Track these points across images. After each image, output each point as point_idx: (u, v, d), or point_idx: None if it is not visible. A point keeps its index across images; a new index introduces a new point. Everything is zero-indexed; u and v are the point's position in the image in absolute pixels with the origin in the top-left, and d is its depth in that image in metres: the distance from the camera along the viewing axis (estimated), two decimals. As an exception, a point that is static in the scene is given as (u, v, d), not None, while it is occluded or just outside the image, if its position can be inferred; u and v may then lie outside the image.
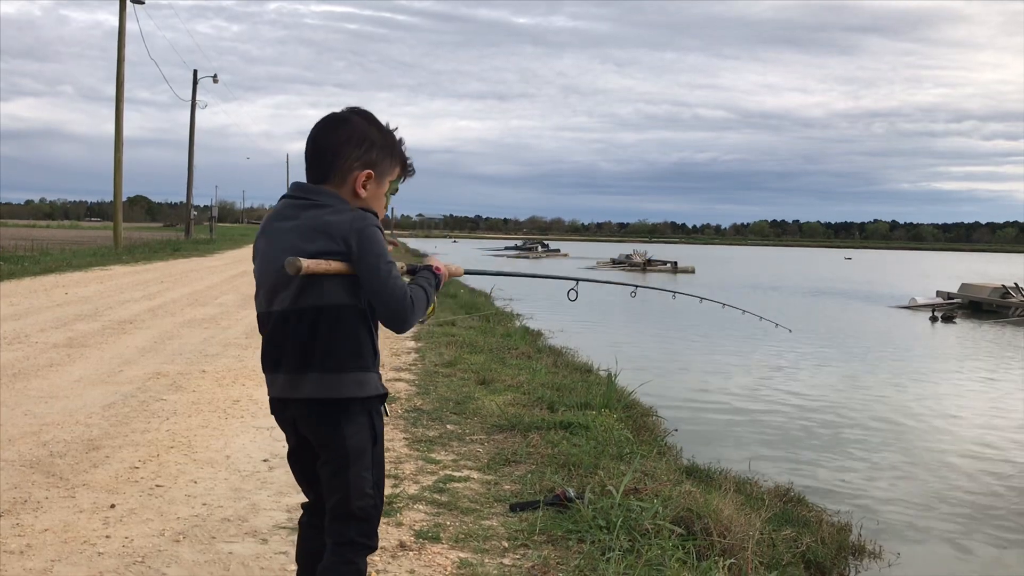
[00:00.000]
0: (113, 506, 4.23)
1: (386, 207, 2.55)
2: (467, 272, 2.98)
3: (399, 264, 2.55)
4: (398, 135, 2.55)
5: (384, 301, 2.34)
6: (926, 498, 7.69)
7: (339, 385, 2.39)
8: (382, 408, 2.52)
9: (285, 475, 4.90)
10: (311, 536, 2.63)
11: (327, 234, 2.34)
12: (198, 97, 46.83)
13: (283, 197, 2.51)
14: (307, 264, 2.28)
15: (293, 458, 2.60)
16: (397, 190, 2.59)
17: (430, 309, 2.58)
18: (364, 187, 2.45)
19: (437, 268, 2.59)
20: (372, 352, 2.45)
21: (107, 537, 3.83)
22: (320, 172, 2.45)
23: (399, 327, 2.39)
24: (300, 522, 2.71)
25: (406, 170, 2.60)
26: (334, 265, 2.32)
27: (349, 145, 2.43)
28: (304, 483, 2.62)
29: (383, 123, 2.53)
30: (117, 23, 30.50)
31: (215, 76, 47.47)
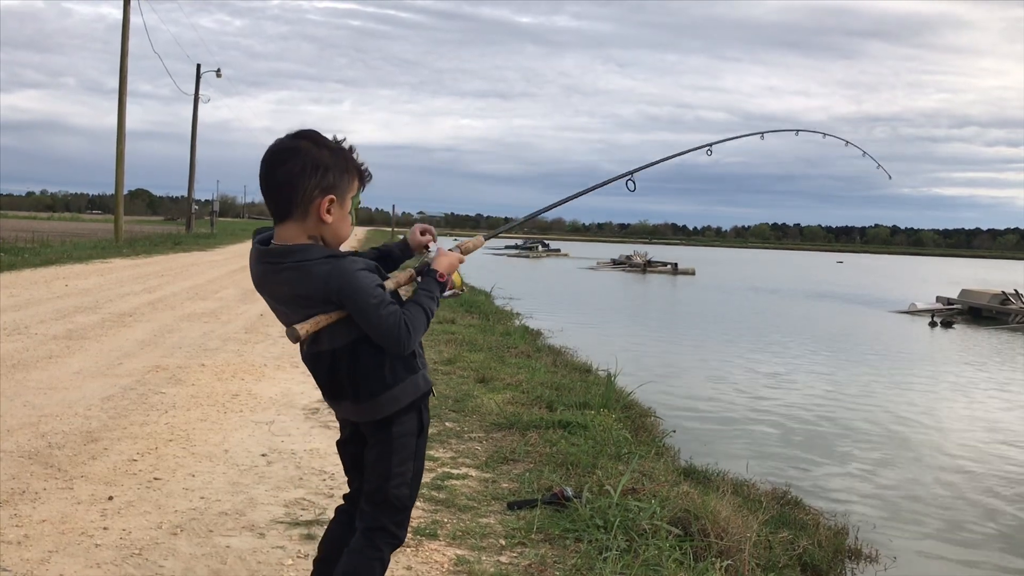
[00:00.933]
0: (111, 498, 4.24)
1: (353, 223, 2.52)
2: (485, 238, 3.06)
3: (410, 272, 2.62)
4: (347, 144, 2.48)
5: (379, 336, 2.41)
6: (923, 502, 7.69)
7: (376, 409, 2.51)
8: (429, 398, 2.63)
9: (283, 470, 4.91)
10: (345, 523, 2.70)
11: (310, 299, 2.38)
12: (201, 91, 46.92)
13: (255, 244, 2.48)
14: (304, 330, 2.38)
15: (343, 447, 2.73)
16: (360, 201, 2.54)
17: (458, 284, 2.69)
18: (328, 212, 2.40)
19: (441, 276, 2.60)
20: (409, 357, 2.53)
21: (105, 529, 3.84)
22: (281, 209, 2.41)
23: (401, 352, 2.46)
24: (336, 509, 2.81)
25: (363, 179, 2.53)
26: (331, 316, 2.40)
27: (303, 176, 2.36)
28: (352, 471, 2.72)
29: (331, 139, 2.46)
30: (120, 16, 30.50)
31: (218, 70, 47.35)
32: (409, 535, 3.95)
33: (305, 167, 2.37)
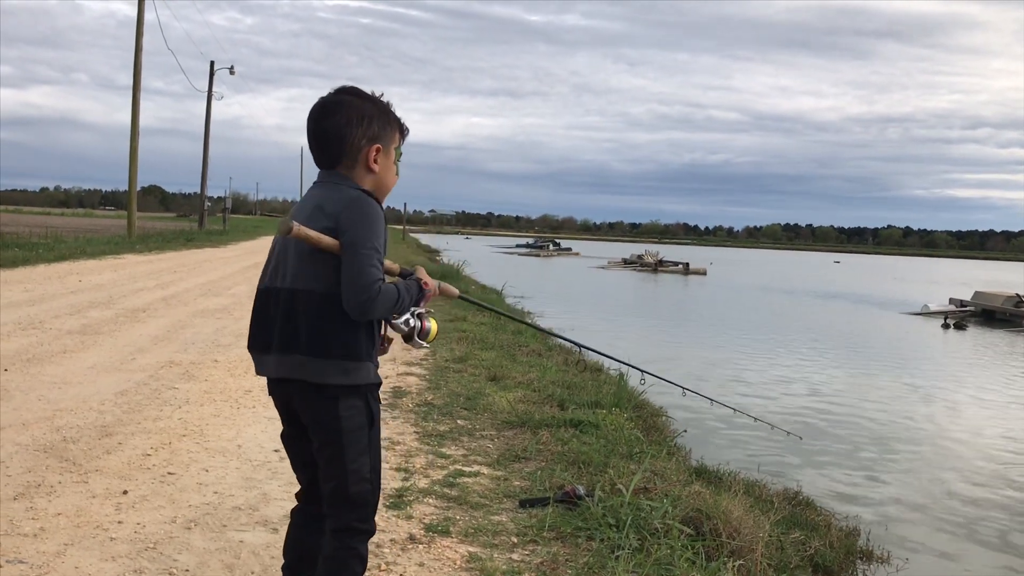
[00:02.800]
0: (126, 492, 4.26)
1: (396, 173, 2.59)
2: (461, 297, 2.96)
3: (392, 265, 2.55)
4: (385, 99, 2.57)
5: (351, 280, 2.30)
6: (936, 504, 7.66)
7: (323, 371, 2.39)
8: (380, 382, 2.52)
9: (296, 466, 4.92)
10: (302, 525, 2.64)
11: (324, 211, 2.39)
12: (213, 88, 47.05)
13: (314, 183, 2.56)
14: (297, 228, 2.32)
15: (288, 439, 2.62)
16: (401, 154, 2.61)
17: (432, 333, 2.57)
18: (376, 161, 2.49)
19: (425, 284, 2.55)
20: (370, 341, 2.45)
21: (119, 523, 3.86)
22: (329, 159, 2.49)
23: (357, 312, 2.33)
24: (292, 511, 2.71)
25: (403, 132, 2.62)
26: (325, 240, 2.34)
27: (351, 126, 2.45)
28: (299, 466, 2.62)
29: (371, 93, 2.55)
30: (130, 13, 30.85)
31: (231, 68, 47.52)
32: (422, 532, 3.96)
33: (351, 118, 2.45)
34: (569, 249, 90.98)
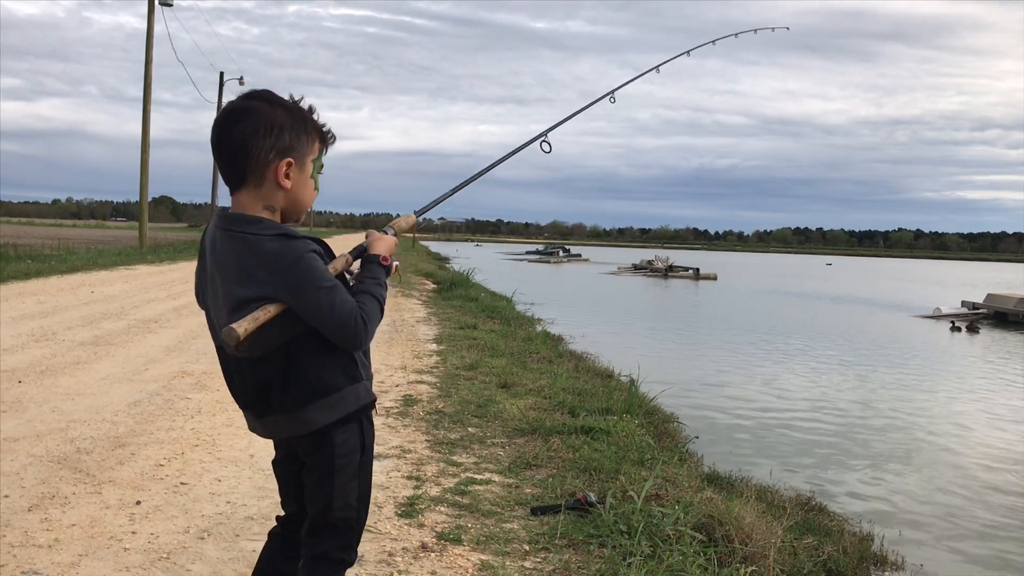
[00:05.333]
0: (139, 503, 4.28)
1: (316, 188, 2.33)
2: (416, 214, 2.67)
3: (345, 256, 2.34)
4: (306, 104, 2.29)
5: (332, 332, 2.18)
6: (950, 509, 7.62)
7: (307, 421, 2.25)
8: (372, 412, 2.38)
9: (308, 475, 4.94)
10: (279, 548, 2.50)
11: (256, 279, 2.14)
12: (223, 99, 47.27)
13: (216, 224, 2.29)
14: (243, 330, 2.09)
15: (279, 467, 2.48)
16: (323, 166, 2.34)
17: (393, 271, 2.42)
18: (287, 177, 2.21)
19: (384, 259, 2.35)
20: (350, 364, 2.29)
21: (133, 533, 3.88)
22: (235, 175, 2.22)
23: (355, 349, 2.25)
24: (270, 533, 2.57)
25: (325, 141, 2.33)
26: (271, 311, 2.13)
27: (256, 137, 2.17)
28: (287, 494, 2.48)
29: (287, 99, 2.27)
30: (138, 25, 31.09)
31: (241, 78, 47.77)
32: (434, 540, 3.97)
33: (258, 128, 2.17)
34: (579, 255, 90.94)
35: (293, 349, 2.20)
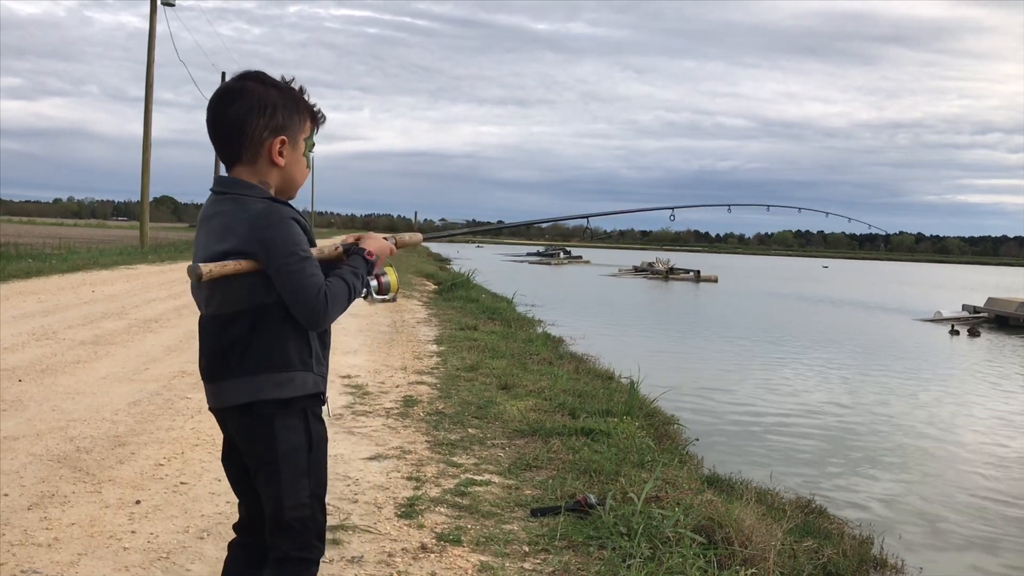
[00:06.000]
0: (139, 502, 4.28)
1: (308, 166, 2.42)
2: (426, 238, 2.76)
3: (334, 245, 2.42)
4: (296, 85, 2.38)
5: (294, 300, 2.19)
6: (950, 512, 7.61)
7: (252, 389, 2.24)
8: (323, 409, 2.36)
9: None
10: (242, 559, 2.47)
11: (235, 233, 2.21)
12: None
13: (210, 190, 2.38)
14: (207, 270, 2.16)
15: (226, 460, 2.48)
16: (314, 144, 2.43)
17: (392, 287, 2.45)
18: (280, 155, 2.30)
19: (369, 254, 2.39)
20: (305, 349, 2.29)
21: (132, 532, 3.88)
22: (230, 153, 2.30)
23: (313, 325, 2.24)
24: (229, 545, 2.54)
25: (316, 120, 2.42)
26: (242, 264, 2.18)
27: (251, 115, 2.25)
28: (238, 491, 2.49)
29: (279, 79, 2.35)
30: (139, 24, 31.08)
31: (243, 79, 47.73)
32: (433, 541, 3.97)
33: (252, 107, 2.26)
34: (580, 257, 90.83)
35: (259, 317, 2.23)
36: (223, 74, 47.66)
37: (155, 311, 12.54)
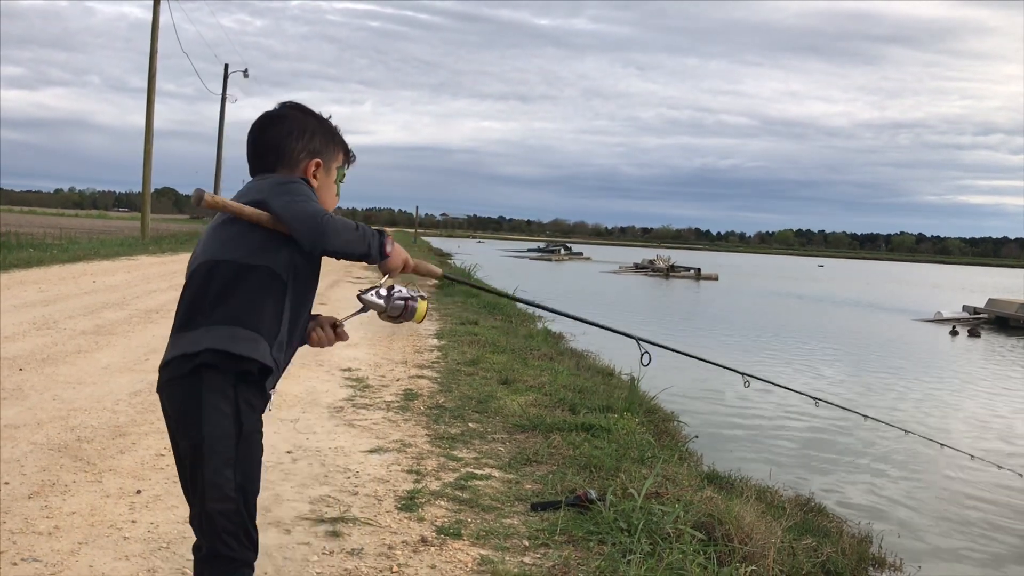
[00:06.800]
0: (139, 492, 4.28)
1: (337, 195, 2.51)
2: (445, 277, 2.77)
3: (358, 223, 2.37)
4: (333, 123, 2.51)
5: (294, 218, 2.17)
6: (949, 511, 7.62)
7: (214, 336, 2.17)
8: (267, 397, 2.28)
9: (308, 467, 4.94)
10: (198, 559, 2.31)
11: (258, 189, 2.28)
12: (228, 91, 47.20)
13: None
14: (210, 196, 2.21)
15: (180, 465, 2.34)
16: (344, 176, 2.54)
17: (418, 317, 2.45)
18: (315, 176, 2.41)
19: (389, 237, 2.36)
20: (275, 327, 2.23)
21: (133, 522, 3.88)
22: (265, 169, 2.40)
23: (312, 237, 2.17)
24: (193, 547, 2.35)
25: (348, 156, 2.54)
26: (246, 209, 2.21)
27: (291, 138, 2.38)
28: (185, 486, 2.35)
29: (318, 112, 2.49)
30: (141, 15, 31.21)
31: (245, 71, 47.54)
32: (433, 534, 3.97)
33: (292, 130, 2.39)
34: (580, 254, 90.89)
35: (248, 275, 2.21)
36: (226, 66, 47.61)
37: (156, 302, 12.53)
